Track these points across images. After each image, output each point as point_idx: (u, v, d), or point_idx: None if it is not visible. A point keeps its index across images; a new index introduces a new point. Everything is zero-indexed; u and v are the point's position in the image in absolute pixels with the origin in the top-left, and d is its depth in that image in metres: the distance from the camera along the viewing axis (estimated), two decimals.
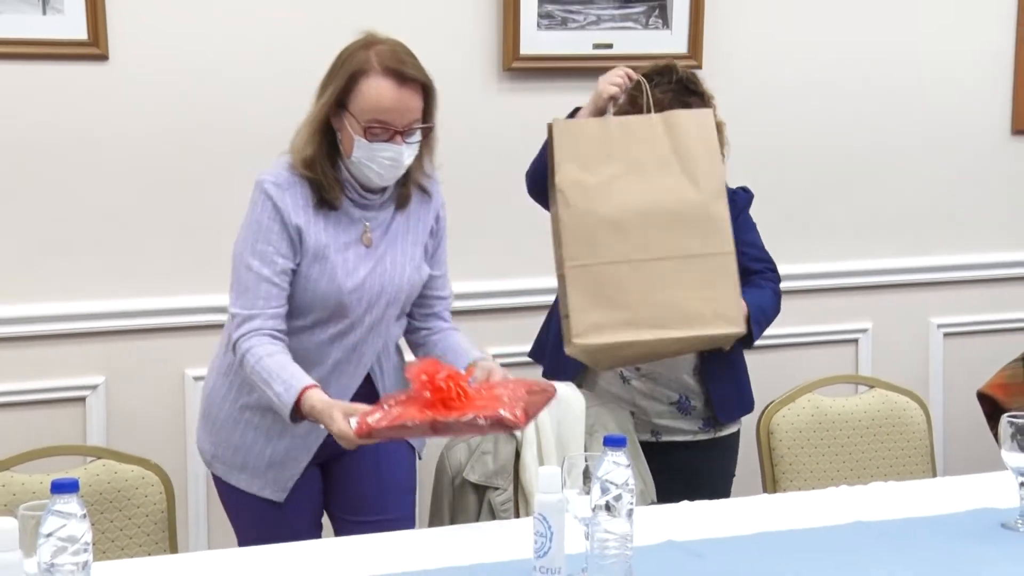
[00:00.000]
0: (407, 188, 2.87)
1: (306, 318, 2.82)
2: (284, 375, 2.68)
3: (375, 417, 2.47)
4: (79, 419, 3.60)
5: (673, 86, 3.20)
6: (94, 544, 1.94)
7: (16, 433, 3.37)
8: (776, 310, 3.34)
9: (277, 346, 2.74)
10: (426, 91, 2.79)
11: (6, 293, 3.54)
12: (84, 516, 1.91)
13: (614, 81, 3.14)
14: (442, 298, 3.00)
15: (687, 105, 3.17)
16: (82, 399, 3.61)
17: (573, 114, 3.23)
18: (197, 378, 3.61)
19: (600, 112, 3.14)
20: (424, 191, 2.91)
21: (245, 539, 2.90)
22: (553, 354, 3.31)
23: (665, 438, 3.33)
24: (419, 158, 2.83)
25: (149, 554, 2.70)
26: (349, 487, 2.96)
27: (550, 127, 3.11)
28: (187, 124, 3.63)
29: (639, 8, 3.91)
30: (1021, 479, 2.54)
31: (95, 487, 2.70)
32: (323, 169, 2.78)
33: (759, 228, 3.39)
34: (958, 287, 4.38)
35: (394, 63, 2.75)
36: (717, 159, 3.15)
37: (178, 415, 3.66)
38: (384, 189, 2.84)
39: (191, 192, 3.65)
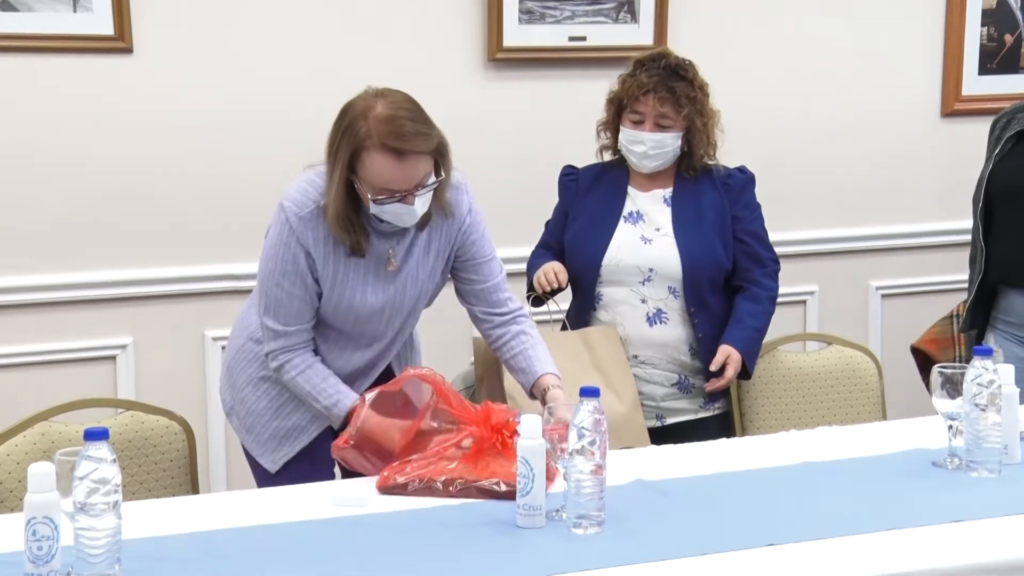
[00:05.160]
0: (427, 214, 2.61)
1: (327, 334, 2.71)
2: (328, 389, 2.64)
3: (403, 474, 2.39)
4: (110, 375, 3.59)
5: (660, 71, 3.08)
6: (123, 486, 1.93)
7: (54, 387, 3.35)
8: (770, 315, 3.20)
9: (312, 358, 2.66)
10: (434, 149, 2.51)
11: (46, 263, 3.52)
12: (114, 461, 1.90)
13: (542, 281, 3.12)
14: (496, 284, 2.77)
15: (672, 89, 3.06)
16: (113, 357, 3.59)
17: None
18: (216, 339, 3.61)
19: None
20: (448, 207, 2.65)
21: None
22: None
23: (670, 420, 3.16)
24: (438, 190, 2.58)
25: (173, 495, 2.69)
26: None
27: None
28: (204, 110, 3.60)
29: (609, 4, 3.88)
30: (949, 423, 2.53)
31: (124, 435, 2.68)
32: (351, 223, 2.55)
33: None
34: (894, 254, 4.39)
35: (392, 139, 2.44)
36: (628, 370, 3.06)
37: (199, 372, 3.65)
38: None
39: (209, 172, 3.62)
